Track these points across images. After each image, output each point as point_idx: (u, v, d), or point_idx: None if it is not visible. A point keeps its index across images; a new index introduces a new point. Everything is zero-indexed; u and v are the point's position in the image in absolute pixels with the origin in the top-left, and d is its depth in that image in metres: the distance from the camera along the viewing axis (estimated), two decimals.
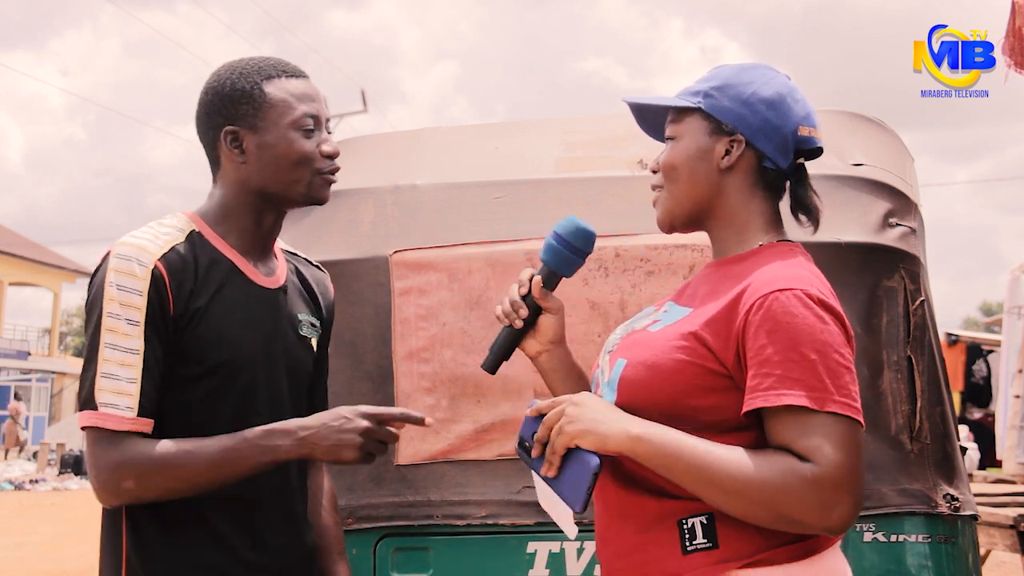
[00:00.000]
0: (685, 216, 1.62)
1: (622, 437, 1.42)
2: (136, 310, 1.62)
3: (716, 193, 1.59)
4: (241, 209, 1.76)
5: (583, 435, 1.45)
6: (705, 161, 1.58)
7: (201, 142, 1.80)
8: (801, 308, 1.41)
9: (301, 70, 1.79)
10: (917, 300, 2.22)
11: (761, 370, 1.39)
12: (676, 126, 1.62)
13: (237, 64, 1.77)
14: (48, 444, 21.11)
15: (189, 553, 1.65)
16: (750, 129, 1.56)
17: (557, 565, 2.22)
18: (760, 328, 1.41)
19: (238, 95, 1.73)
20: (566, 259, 1.70)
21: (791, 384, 1.37)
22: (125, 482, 1.59)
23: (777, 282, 1.44)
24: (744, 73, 1.60)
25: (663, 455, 1.40)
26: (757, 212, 1.60)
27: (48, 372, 32.44)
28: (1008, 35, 3.80)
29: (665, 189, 1.62)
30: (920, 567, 2.13)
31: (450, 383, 2.29)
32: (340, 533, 1.93)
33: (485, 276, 2.30)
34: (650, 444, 1.41)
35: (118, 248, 1.66)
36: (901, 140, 2.59)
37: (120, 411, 1.60)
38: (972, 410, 11.57)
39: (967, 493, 2.23)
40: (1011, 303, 8.39)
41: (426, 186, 2.47)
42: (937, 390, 2.24)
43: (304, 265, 1.93)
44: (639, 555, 1.49)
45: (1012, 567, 6.63)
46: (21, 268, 32.42)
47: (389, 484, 2.29)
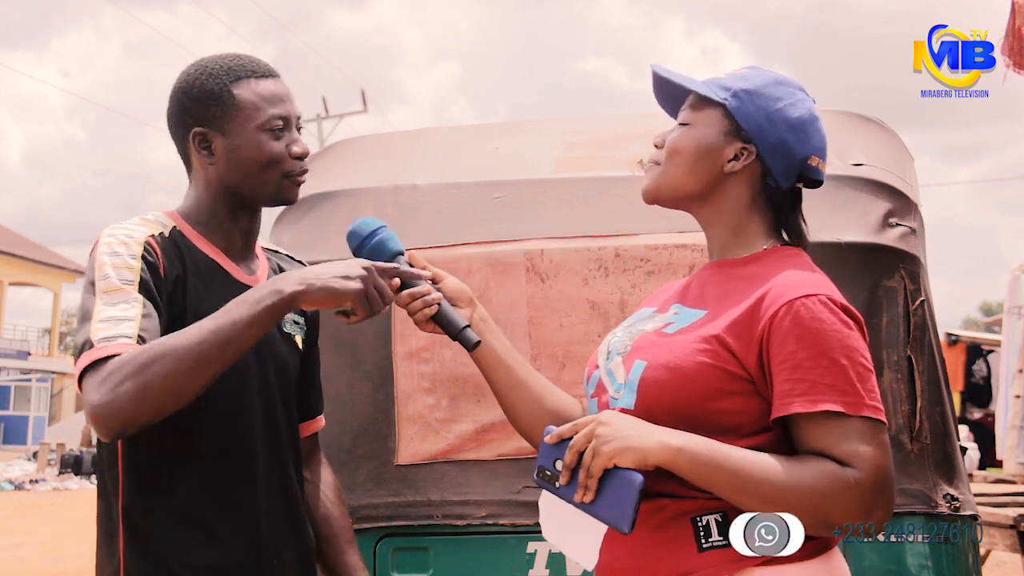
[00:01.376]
0: (671, 197, 1.63)
1: (662, 451, 1.41)
2: (130, 270, 1.62)
3: (712, 191, 1.59)
4: (216, 209, 1.77)
5: (622, 453, 1.41)
6: (710, 158, 1.58)
7: (173, 141, 1.80)
8: (828, 314, 1.43)
9: (271, 69, 1.79)
10: (917, 300, 2.22)
11: (794, 375, 1.40)
12: (694, 113, 1.61)
13: (207, 64, 1.77)
14: (48, 444, 21.09)
15: (186, 553, 1.65)
16: (766, 144, 1.56)
17: (557, 565, 2.22)
18: (789, 334, 1.42)
19: (206, 97, 1.73)
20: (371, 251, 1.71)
21: (825, 390, 1.39)
22: (121, 386, 1.46)
23: (800, 288, 1.45)
24: (778, 87, 1.59)
25: (704, 465, 1.40)
26: (758, 218, 1.61)
27: (48, 372, 32.43)
28: (1008, 35, 3.80)
29: (662, 166, 1.62)
30: (920, 567, 2.13)
31: (450, 383, 2.29)
32: (348, 522, 1.94)
33: (485, 276, 2.30)
34: (691, 455, 1.40)
35: (106, 231, 1.67)
36: (901, 140, 2.59)
37: (116, 343, 1.52)
38: (972, 410, 11.57)
39: (967, 493, 2.23)
40: (1011, 303, 8.39)
41: (426, 186, 2.47)
42: (937, 390, 2.24)
43: (285, 261, 1.93)
44: (652, 553, 1.47)
45: (1012, 567, 6.63)
46: (21, 268, 32.41)
47: (389, 484, 2.29)
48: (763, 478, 1.38)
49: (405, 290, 1.68)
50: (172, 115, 1.78)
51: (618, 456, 1.41)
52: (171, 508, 1.66)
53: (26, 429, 29.45)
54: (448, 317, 1.69)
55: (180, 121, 1.76)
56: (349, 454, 2.30)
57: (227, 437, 1.71)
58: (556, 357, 2.25)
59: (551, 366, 2.24)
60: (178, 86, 1.77)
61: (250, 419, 1.73)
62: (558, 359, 2.25)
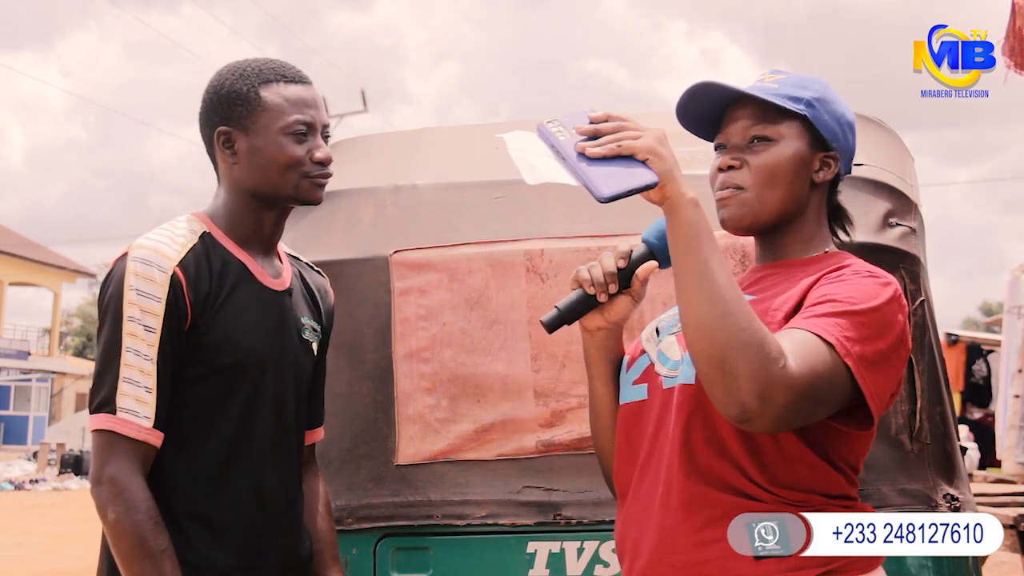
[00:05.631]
0: (769, 222, 1.56)
1: (683, 192, 1.37)
2: (154, 317, 1.64)
3: (804, 205, 1.57)
4: (242, 210, 1.78)
5: (658, 160, 1.37)
6: (803, 171, 1.55)
7: (203, 142, 1.81)
8: (875, 279, 1.45)
9: (303, 75, 1.80)
10: (917, 300, 2.22)
11: (821, 300, 1.41)
12: (773, 127, 1.54)
13: (239, 65, 1.79)
14: (48, 444, 21.10)
15: (189, 554, 1.65)
16: (842, 149, 1.58)
17: (557, 565, 2.22)
18: (837, 278, 1.45)
19: (234, 97, 1.74)
20: (666, 253, 1.60)
21: (832, 325, 1.37)
22: (109, 511, 1.59)
23: (856, 263, 1.51)
24: (830, 91, 1.60)
25: (698, 236, 1.37)
26: (823, 225, 1.62)
27: (48, 372, 32.43)
28: (1008, 36, 3.80)
29: (752, 190, 1.53)
30: (920, 567, 2.13)
31: (450, 383, 2.29)
32: (334, 537, 1.94)
33: (485, 276, 2.30)
34: (698, 218, 1.38)
35: (136, 251, 1.67)
36: (901, 140, 2.59)
37: (139, 419, 1.62)
38: (972, 410, 11.58)
39: (967, 493, 2.23)
40: (1011, 303, 8.40)
41: (426, 186, 2.47)
42: (937, 390, 2.24)
43: (306, 270, 1.95)
44: (701, 552, 1.41)
45: (1012, 567, 6.62)
46: (21, 268, 32.41)
47: (389, 484, 2.29)
48: (721, 290, 1.33)
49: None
50: (201, 113, 1.80)
51: (653, 158, 1.37)
52: (178, 508, 1.66)
53: (26, 429, 29.45)
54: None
55: (208, 120, 1.78)
56: (349, 454, 2.30)
57: (238, 438, 1.72)
58: (556, 357, 2.25)
59: (551, 366, 2.25)
60: (210, 85, 1.79)
61: (262, 422, 1.75)
62: (558, 359, 2.25)
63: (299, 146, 1.74)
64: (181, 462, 1.68)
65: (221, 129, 1.75)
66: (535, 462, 2.24)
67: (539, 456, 2.24)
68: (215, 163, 1.80)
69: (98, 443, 1.63)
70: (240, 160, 1.75)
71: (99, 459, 1.62)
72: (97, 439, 1.63)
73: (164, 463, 1.67)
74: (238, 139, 1.75)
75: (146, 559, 1.57)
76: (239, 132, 1.74)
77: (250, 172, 1.75)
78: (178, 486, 1.68)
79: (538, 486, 2.23)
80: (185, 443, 1.68)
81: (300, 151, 1.74)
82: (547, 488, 2.23)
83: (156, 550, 1.57)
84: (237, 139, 1.75)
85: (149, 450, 1.63)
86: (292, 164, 1.74)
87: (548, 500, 2.22)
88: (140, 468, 1.61)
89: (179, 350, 1.66)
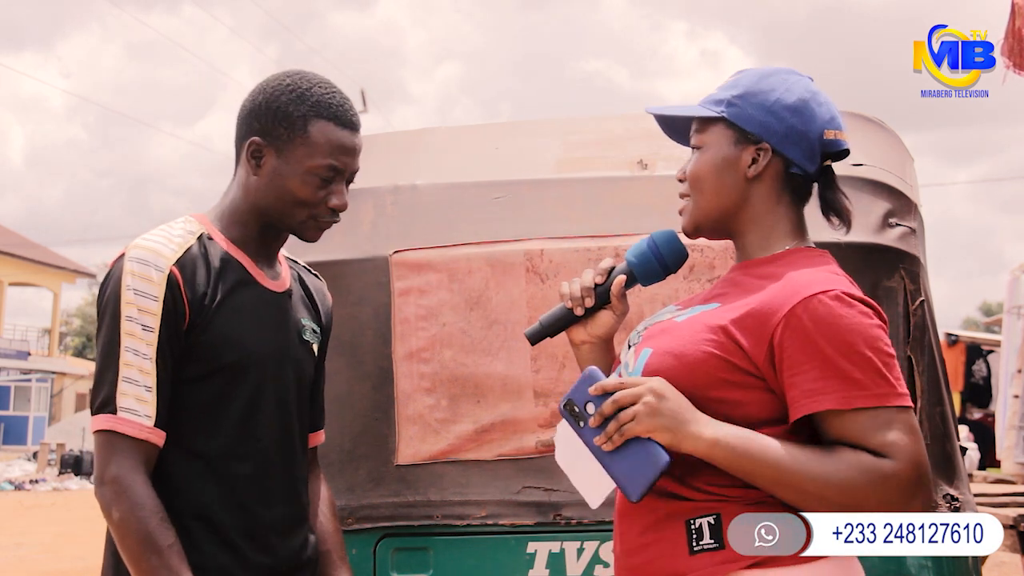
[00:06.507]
0: (711, 225, 1.63)
1: (699, 442, 1.42)
2: (152, 316, 1.64)
3: (743, 201, 1.60)
4: (248, 216, 1.78)
5: (662, 431, 1.43)
6: (732, 171, 1.58)
7: (235, 130, 1.80)
8: (846, 308, 1.44)
9: (356, 121, 1.78)
10: (917, 300, 2.22)
11: (824, 372, 1.41)
12: (701, 135, 1.62)
13: (300, 84, 1.76)
14: (48, 444, 21.10)
15: (195, 555, 1.65)
16: (776, 137, 1.57)
17: (557, 565, 2.22)
18: (810, 331, 1.42)
19: (282, 116, 1.73)
20: (652, 269, 1.67)
21: (855, 385, 1.40)
22: (113, 510, 1.60)
23: (815, 285, 1.46)
24: (766, 79, 1.60)
25: (741, 458, 1.41)
26: (783, 217, 1.61)
27: (48, 372, 32.43)
28: (1008, 36, 3.81)
29: (691, 199, 1.62)
30: (920, 567, 2.13)
31: (450, 383, 2.29)
32: (340, 538, 1.94)
33: (485, 276, 2.30)
34: (727, 449, 1.41)
35: (133, 251, 1.67)
36: (901, 140, 2.59)
37: (139, 418, 1.62)
38: (972, 410, 11.58)
39: (967, 493, 2.23)
40: (1011, 303, 8.40)
41: (426, 186, 2.47)
42: (937, 390, 2.24)
43: (305, 273, 1.95)
44: (645, 553, 1.49)
45: (1012, 567, 6.62)
46: (21, 268, 32.41)
47: (389, 484, 2.29)
48: (802, 471, 1.39)
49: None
50: (244, 110, 1.77)
51: (656, 432, 1.42)
52: (182, 508, 1.66)
53: (26, 429, 29.44)
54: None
55: (247, 122, 1.76)
56: (349, 454, 2.30)
57: (240, 439, 1.72)
58: (556, 357, 2.25)
59: (551, 366, 2.25)
60: (264, 88, 1.77)
61: (265, 423, 1.75)
62: (558, 359, 2.25)
63: (320, 189, 1.73)
64: (184, 462, 1.68)
65: (255, 140, 1.74)
66: (535, 462, 2.24)
67: (539, 456, 2.24)
68: (237, 160, 1.80)
69: (100, 444, 1.63)
70: (261, 176, 1.74)
71: (102, 459, 1.62)
72: (99, 440, 1.63)
73: (167, 463, 1.67)
74: (267, 156, 1.74)
75: (153, 555, 1.57)
76: (271, 150, 1.73)
77: (265, 192, 1.74)
78: (181, 486, 1.68)
79: (538, 486, 2.23)
80: (188, 443, 1.68)
81: (319, 194, 1.74)
82: (547, 488, 2.23)
83: (163, 545, 1.58)
84: (267, 155, 1.74)
85: (151, 449, 1.63)
86: (306, 203, 1.73)
87: (548, 500, 2.22)
88: (143, 467, 1.62)
89: (178, 349, 1.66)
